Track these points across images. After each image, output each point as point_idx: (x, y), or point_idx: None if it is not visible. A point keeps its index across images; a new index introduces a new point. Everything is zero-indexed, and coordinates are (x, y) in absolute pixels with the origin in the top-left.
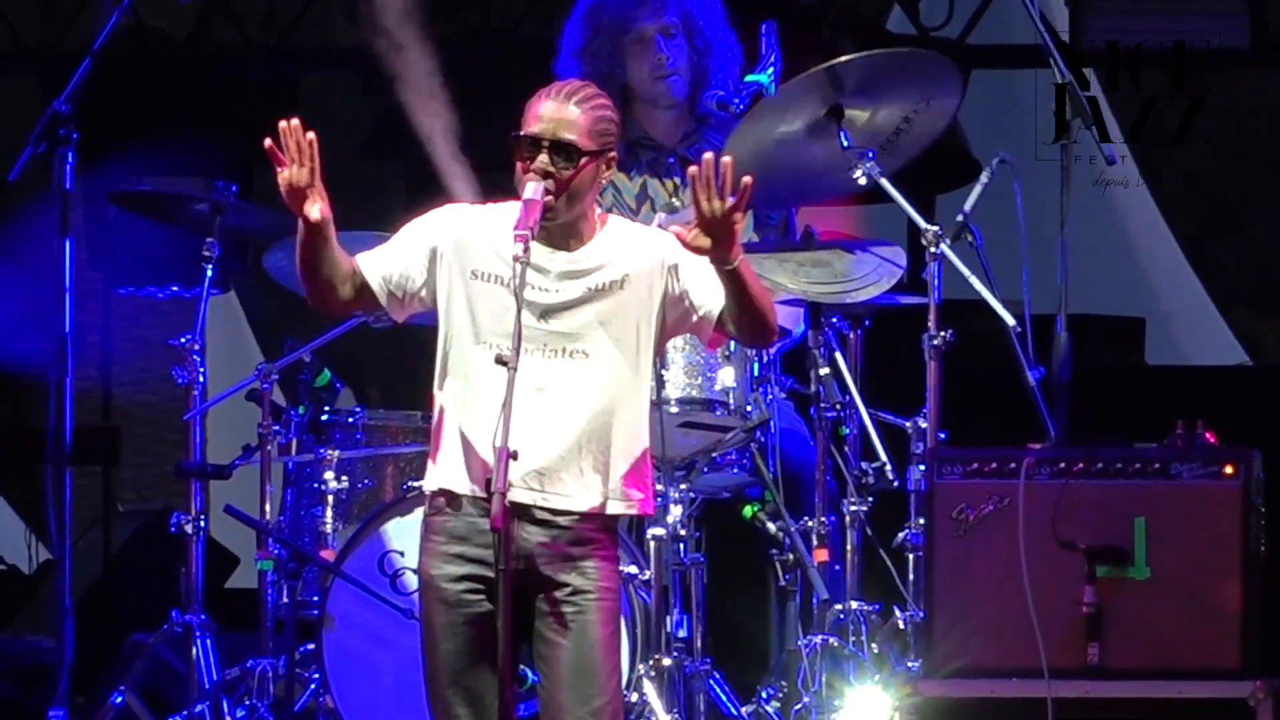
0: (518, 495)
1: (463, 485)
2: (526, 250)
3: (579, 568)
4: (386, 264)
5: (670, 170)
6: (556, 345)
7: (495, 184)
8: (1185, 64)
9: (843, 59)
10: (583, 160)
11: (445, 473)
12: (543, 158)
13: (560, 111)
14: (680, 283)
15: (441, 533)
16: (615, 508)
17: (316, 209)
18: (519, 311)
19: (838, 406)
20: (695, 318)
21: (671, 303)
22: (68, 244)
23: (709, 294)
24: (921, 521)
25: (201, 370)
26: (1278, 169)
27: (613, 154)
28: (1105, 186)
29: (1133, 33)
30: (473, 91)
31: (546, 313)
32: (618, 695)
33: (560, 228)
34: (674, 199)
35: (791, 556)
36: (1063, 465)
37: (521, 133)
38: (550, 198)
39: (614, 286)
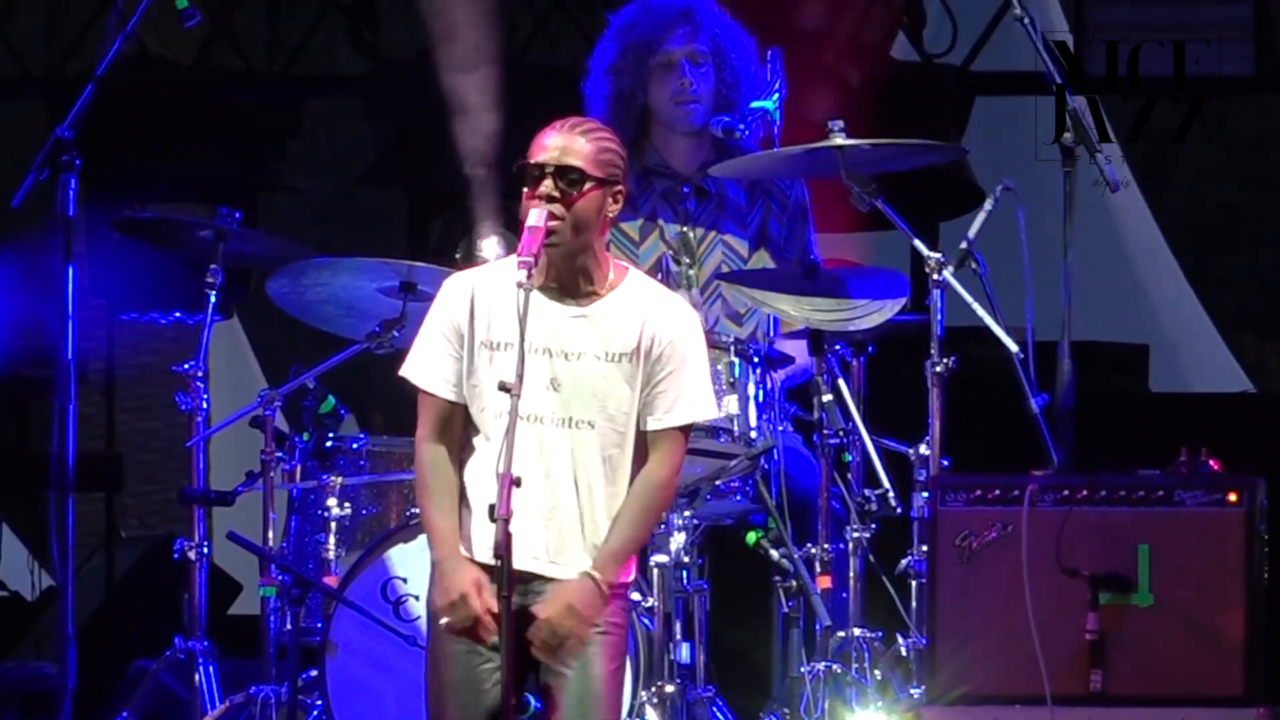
0: (520, 565)
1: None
2: (530, 277)
3: None
4: (449, 380)
5: (684, 200)
6: (564, 415)
7: (501, 210)
8: (1185, 72)
9: (848, 143)
10: (587, 186)
11: None
12: (547, 183)
13: (566, 141)
14: (660, 377)
15: None
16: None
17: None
18: (522, 336)
19: (841, 433)
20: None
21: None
22: (71, 270)
23: (663, 410)
24: (924, 548)
25: (205, 397)
26: None
27: (619, 187)
28: (1105, 187)
29: (1134, 39)
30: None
31: (555, 382)
32: None
33: (567, 265)
34: (685, 230)
35: (795, 583)
36: (1066, 492)
37: (526, 161)
38: (554, 222)
39: (622, 357)
